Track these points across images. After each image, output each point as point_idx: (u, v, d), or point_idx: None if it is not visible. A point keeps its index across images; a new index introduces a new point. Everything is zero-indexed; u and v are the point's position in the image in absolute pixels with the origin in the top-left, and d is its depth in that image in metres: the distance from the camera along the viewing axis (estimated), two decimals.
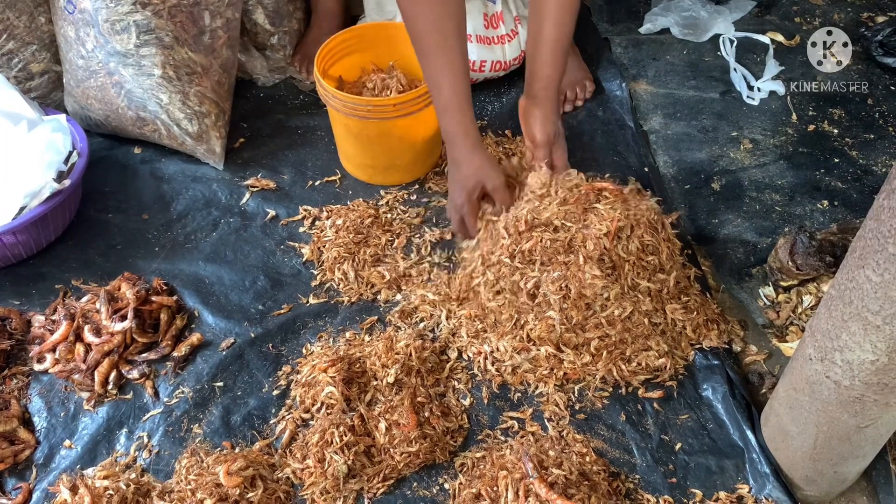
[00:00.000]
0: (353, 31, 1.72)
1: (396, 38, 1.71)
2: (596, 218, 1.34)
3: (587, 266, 1.30)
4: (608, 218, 1.33)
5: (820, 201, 1.65)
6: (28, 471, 1.26)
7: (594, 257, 1.30)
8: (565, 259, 1.32)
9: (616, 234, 1.32)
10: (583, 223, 1.34)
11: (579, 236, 1.33)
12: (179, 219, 1.66)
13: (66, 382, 1.36)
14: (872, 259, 0.88)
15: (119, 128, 1.77)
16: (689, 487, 1.22)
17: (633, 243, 1.33)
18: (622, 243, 1.33)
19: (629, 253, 1.33)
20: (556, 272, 1.31)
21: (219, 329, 1.45)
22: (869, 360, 0.94)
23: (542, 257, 1.34)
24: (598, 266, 1.30)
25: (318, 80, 1.58)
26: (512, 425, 1.29)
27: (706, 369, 1.35)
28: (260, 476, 1.20)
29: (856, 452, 1.11)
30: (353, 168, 1.74)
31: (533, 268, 1.34)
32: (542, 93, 1.47)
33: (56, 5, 1.68)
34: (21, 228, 1.46)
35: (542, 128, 1.48)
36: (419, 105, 1.56)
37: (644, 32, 2.13)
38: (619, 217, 1.33)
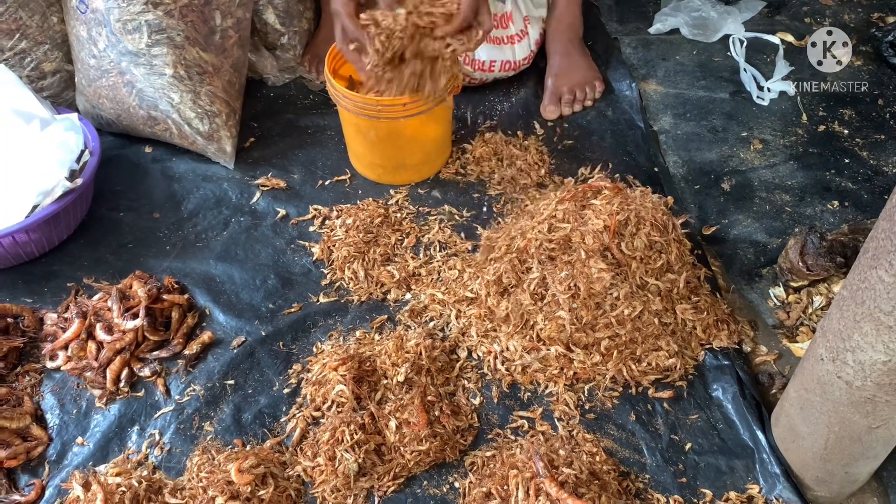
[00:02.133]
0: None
1: None
2: (593, 213, 1.34)
3: (591, 261, 1.30)
4: (605, 212, 1.33)
5: (830, 202, 1.65)
6: (41, 467, 1.27)
7: (596, 251, 1.31)
8: (568, 258, 1.33)
9: (617, 231, 1.32)
10: (580, 221, 1.34)
11: (577, 234, 1.33)
12: (190, 217, 1.67)
13: (78, 380, 1.37)
14: (885, 259, 0.88)
15: (130, 127, 1.78)
16: (699, 487, 1.22)
17: (638, 240, 1.33)
18: (626, 240, 1.33)
19: (634, 249, 1.33)
20: (562, 272, 1.31)
21: (230, 327, 1.45)
22: (881, 361, 0.94)
23: (538, 256, 1.34)
24: (603, 259, 1.30)
25: (329, 79, 1.59)
26: (522, 424, 1.30)
27: (716, 369, 1.35)
28: (271, 474, 1.20)
29: (867, 453, 1.11)
30: (364, 168, 1.74)
31: (531, 267, 1.35)
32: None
33: (68, 5, 1.69)
34: (34, 227, 1.47)
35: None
36: (428, 104, 1.56)
37: (654, 33, 2.13)
38: (616, 211, 1.33)
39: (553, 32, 1.94)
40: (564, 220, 1.36)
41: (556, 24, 1.93)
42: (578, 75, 1.92)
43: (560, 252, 1.34)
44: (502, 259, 1.40)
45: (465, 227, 1.62)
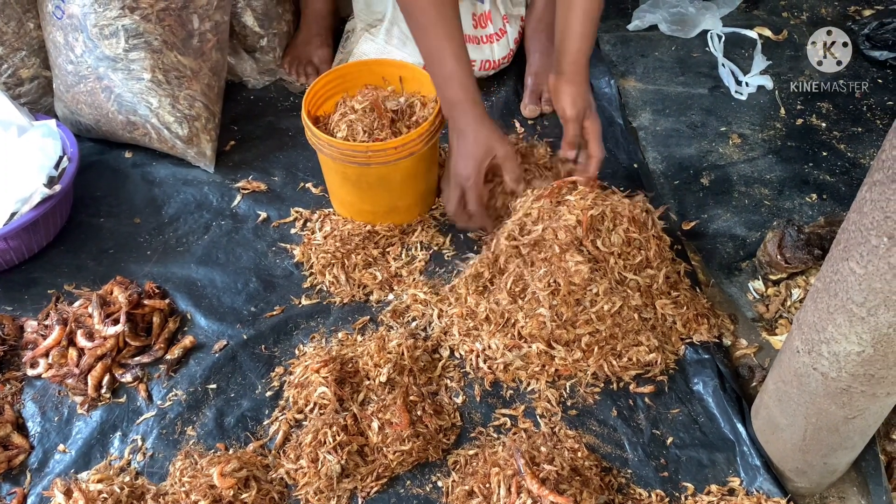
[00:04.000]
0: (336, 72, 1.60)
1: (378, 73, 1.61)
2: (566, 208, 1.35)
3: (567, 255, 1.31)
4: (579, 207, 1.34)
5: (808, 195, 1.66)
6: (22, 476, 1.26)
7: (570, 244, 1.32)
8: (544, 255, 1.33)
9: (592, 226, 1.33)
10: (552, 218, 1.35)
11: (549, 232, 1.34)
12: (171, 222, 1.66)
13: (59, 387, 1.37)
14: (856, 251, 0.88)
15: (109, 132, 1.77)
16: (680, 481, 1.22)
17: (615, 235, 1.34)
18: (603, 235, 1.34)
19: (611, 245, 1.34)
20: (541, 269, 1.32)
21: (211, 331, 1.45)
22: (855, 352, 0.95)
23: (513, 254, 1.36)
24: (578, 253, 1.31)
25: (309, 128, 1.48)
26: (504, 422, 1.30)
27: (697, 363, 1.36)
28: (254, 477, 1.20)
29: (845, 443, 1.12)
30: (352, 214, 1.62)
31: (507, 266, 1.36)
32: (572, 67, 1.46)
33: (44, 11, 1.68)
34: (12, 234, 1.46)
35: (573, 102, 1.47)
36: (419, 145, 1.46)
37: (632, 29, 2.14)
38: (588, 206, 1.34)
39: (532, 31, 1.95)
40: (539, 219, 1.36)
41: (536, 22, 1.94)
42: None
43: (535, 250, 1.35)
44: (481, 260, 1.41)
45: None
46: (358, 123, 1.51)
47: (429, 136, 1.48)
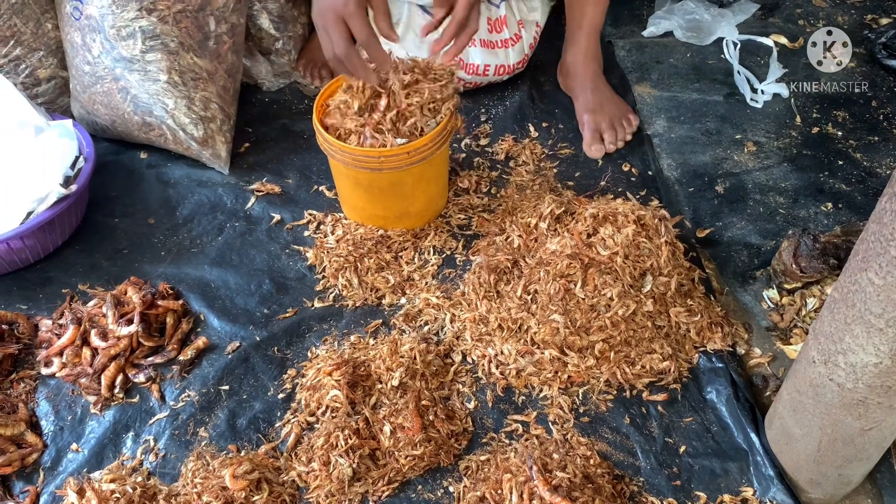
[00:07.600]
0: (346, 77, 1.52)
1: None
2: (558, 239, 1.39)
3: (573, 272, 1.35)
4: (574, 231, 1.37)
5: (824, 203, 1.65)
6: (35, 474, 1.27)
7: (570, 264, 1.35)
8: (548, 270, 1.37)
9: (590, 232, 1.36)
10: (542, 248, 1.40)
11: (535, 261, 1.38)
12: (185, 223, 1.67)
13: (73, 386, 1.37)
14: (875, 262, 0.88)
15: (125, 133, 1.78)
16: (693, 490, 1.22)
17: (619, 236, 1.35)
18: (608, 235, 1.35)
19: (615, 245, 1.34)
20: (548, 283, 1.34)
21: (224, 333, 1.45)
22: (872, 363, 0.94)
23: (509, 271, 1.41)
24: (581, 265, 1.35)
25: (321, 132, 1.46)
26: (516, 428, 1.30)
27: (710, 372, 1.35)
28: (265, 479, 1.20)
29: (860, 455, 1.11)
30: (364, 219, 1.62)
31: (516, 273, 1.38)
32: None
33: (62, 11, 1.70)
34: (28, 233, 1.47)
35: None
36: (431, 149, 1.45)
37: (647, 35, 2.13)
38: (581, 230, 1.37)
39: (576, 66, 1.89)
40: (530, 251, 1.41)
41: (581, 57, 1.87)
42: (612, 108, 1.86)
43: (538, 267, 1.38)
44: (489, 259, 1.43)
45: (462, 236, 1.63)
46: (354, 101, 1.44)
47: (441, 141, 1.47)
